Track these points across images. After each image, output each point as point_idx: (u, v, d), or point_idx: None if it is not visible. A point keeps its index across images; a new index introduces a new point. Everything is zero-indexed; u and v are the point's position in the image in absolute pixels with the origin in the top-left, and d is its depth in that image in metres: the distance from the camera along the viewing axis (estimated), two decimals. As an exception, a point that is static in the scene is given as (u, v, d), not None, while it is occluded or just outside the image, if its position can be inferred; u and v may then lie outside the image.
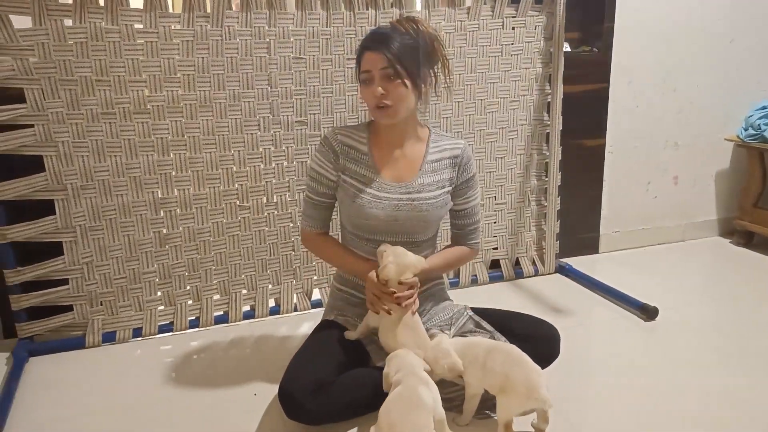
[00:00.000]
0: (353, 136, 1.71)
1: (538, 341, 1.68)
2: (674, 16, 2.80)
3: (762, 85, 3.06)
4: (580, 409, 1.69)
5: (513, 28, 2.41)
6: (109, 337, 2.12)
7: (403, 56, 1.58)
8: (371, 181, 1.68)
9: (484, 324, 1.70)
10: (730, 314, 2.30)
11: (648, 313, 2.23)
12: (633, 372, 1.87)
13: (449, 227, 1.87)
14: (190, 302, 2.22)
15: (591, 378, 1.88)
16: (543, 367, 1.63)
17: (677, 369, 1.89)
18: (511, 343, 1.62)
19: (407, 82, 1.60)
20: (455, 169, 1.74)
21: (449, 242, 1.88)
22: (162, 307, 2.20)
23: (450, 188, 1.74)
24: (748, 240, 3.03)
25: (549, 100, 2.54)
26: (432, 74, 1.70)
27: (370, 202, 1.66)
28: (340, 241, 1.83)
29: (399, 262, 1.59)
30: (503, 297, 2.46)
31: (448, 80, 1.74)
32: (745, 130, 2.93)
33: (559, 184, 2.63)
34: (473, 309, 1.80)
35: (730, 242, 3.10)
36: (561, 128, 2.56)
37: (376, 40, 1.60)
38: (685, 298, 2.45)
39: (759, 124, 2.84)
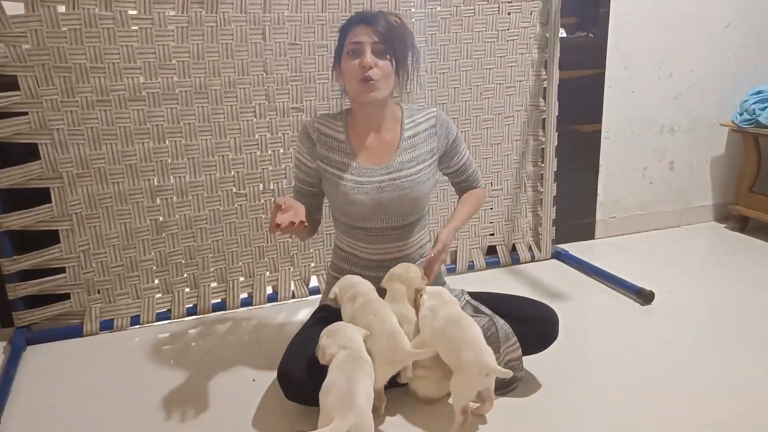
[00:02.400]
0: (330, 125, 1.73)
1: (537, 323, 1.69)
2: (670, 1, 2.79)
3: (758, 70, 3.06)
4: (577, 392, 1.69)
5: (509, 13, 2.40)
6: (107, 325, 2.12)
7: (394, 37, 1.62)
8: (352, 168, 1.69)
9: (483, 308, 1.70)
10: (726, 298, 2.31)
11: (644, 297, 2.24)
12: (629, 355, 1.88)
13: (452, 195, 1.92)
14: (187, 290, 2.22)
15: (588, 362, 1.89)
16: (542, 349, 1.67)
17: (673, 352, 1.90)
18: (509, 325, 1.63)
19: (394, 62, 1.63)
20: (436, 138, 1.76)
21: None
22: (159, 295, 2.20)
23: (432, 160, 1.75)
24: (744, 225, 3.04)
25: (545, 85, 2.53)
26: (407, 67, 1.71)
27: (353, 189, 1.68)
28: (334, 230, 1.84)
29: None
30: (500, 283, 2.46)
31: (417, 76, 1.76)
32: (740, 115, 2.92)
33: (555, 170, 2.63)
34: (470, 293, 1.81)
35: (725, 227, 3.11)
36: (557, 114, 2.56)
37: (370, 16, 1.63)
38: (681, 282, 2.45)
39: (754, 109, 2.84)
